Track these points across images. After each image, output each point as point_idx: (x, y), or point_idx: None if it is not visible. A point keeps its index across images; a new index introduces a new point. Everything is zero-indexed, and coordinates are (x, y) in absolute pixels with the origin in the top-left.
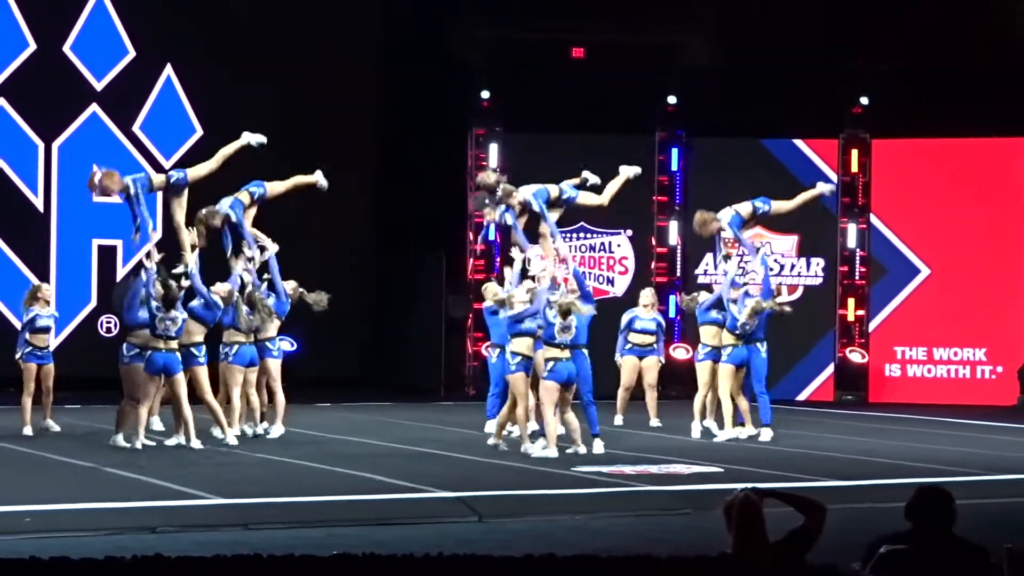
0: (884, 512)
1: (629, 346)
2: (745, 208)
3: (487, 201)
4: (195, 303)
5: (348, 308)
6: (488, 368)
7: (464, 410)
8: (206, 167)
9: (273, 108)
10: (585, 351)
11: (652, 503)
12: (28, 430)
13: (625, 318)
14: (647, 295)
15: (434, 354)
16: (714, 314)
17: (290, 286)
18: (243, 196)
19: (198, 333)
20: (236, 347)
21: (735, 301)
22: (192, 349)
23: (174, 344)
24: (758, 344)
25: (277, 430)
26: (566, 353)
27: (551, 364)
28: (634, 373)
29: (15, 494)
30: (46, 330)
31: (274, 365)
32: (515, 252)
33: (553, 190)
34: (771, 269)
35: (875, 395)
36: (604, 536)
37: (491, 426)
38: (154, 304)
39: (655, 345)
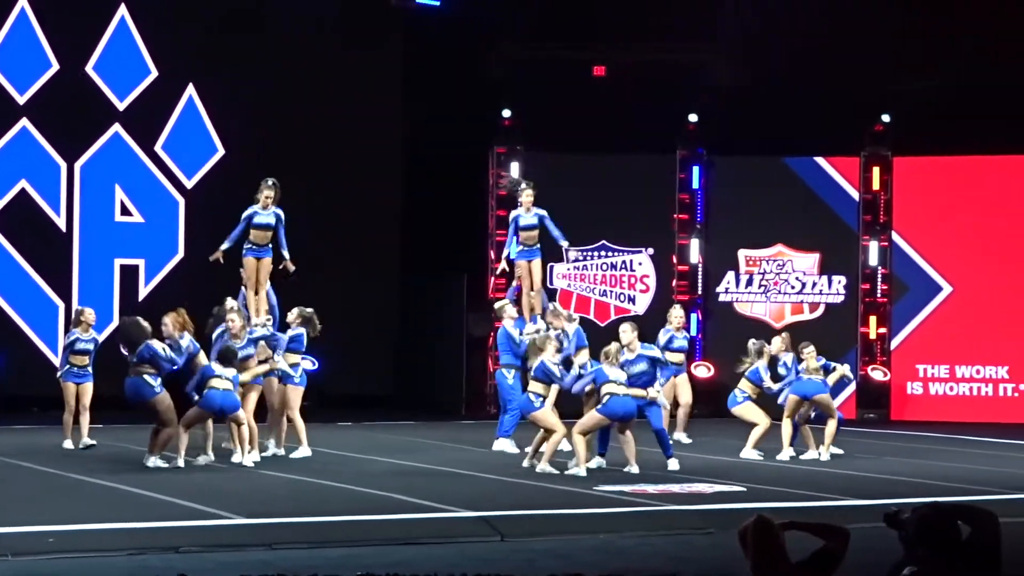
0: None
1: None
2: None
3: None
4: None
5: (371, 327)
6: (501, 389)
7: (486, 429)
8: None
9: (295, 128)
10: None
11: (675, 522)
12: (68, 443)
13: (663, 337)
14: (679, 315)
15: (456, 373)
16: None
17: (294, 313)
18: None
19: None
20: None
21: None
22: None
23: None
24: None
25: (303, 451)
26: (622, 389)
27: (606, 398)
28: (672, 389)
29: (39, 514)
30: (85, 352)
31: (293, 392)
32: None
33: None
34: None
35: (897, 413)
36: (627, 555)
37: (499, 444)
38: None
39: (683, 364)
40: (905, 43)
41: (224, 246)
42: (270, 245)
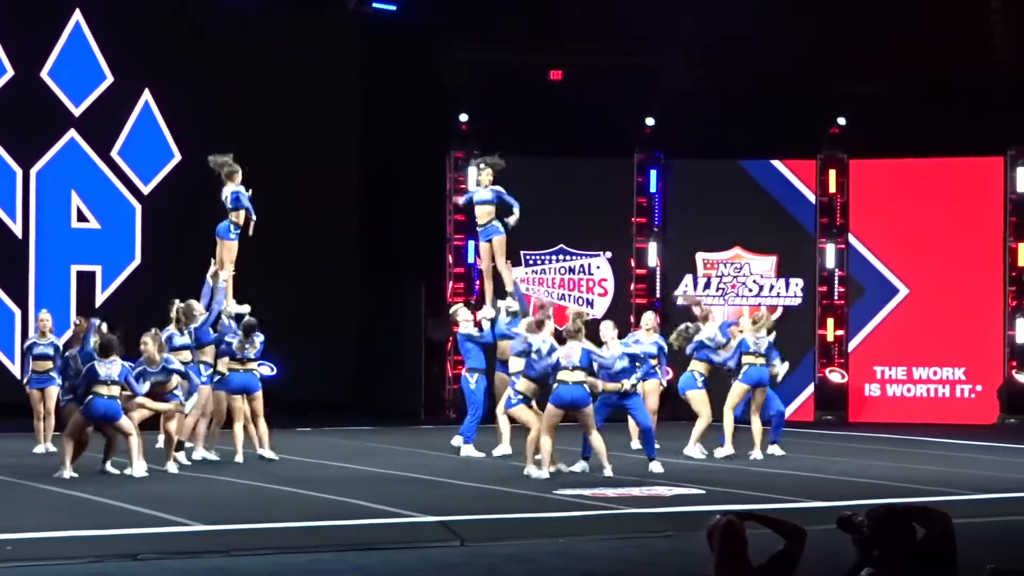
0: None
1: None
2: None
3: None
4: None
5: (328, 332)
6: (466, 394)
7: (445, 433)
8: None
9: (252, 133)
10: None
11: (635, 525)
12: (40, 448)
13: (627, 341)
14: (649, 319)
15: (414, 378)
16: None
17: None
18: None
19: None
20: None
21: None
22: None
23: (115, 390)
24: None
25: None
26: (575, 376)
27: (555, 386)
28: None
29: None
30: (45, 357)
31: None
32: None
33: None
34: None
35: (855, 415)
36: (588, 559)
37: (464, 450)
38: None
39: (656, 369)
40: (860, 46)
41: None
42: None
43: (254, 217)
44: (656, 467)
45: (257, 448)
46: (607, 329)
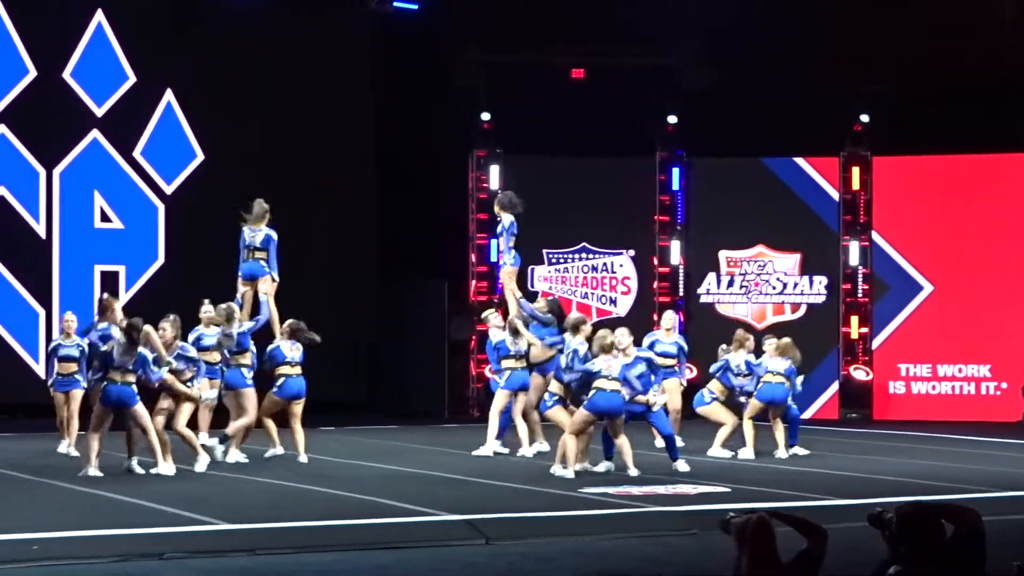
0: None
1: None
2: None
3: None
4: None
5: (352, 332)
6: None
7: (469, 432)
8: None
9: (273, 132)
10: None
11: (659, 524)
12: (63, 447)
13: (646, 341)
14: (669, 318)
15: (438, 376)
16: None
17: (285, 324)
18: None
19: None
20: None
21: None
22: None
23: (131, 377)
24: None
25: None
26: (613, 385)
27: (592, 393)
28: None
29: (23, 522)
30: (70, 359)
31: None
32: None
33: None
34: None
35: (879, 412)
36: (612, 557)
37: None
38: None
39: (676, 368)
40: (883, 43)
41: None
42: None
43: (277, 279)
44: (681, 465)
45: (277, 447)
46: (622, 337)
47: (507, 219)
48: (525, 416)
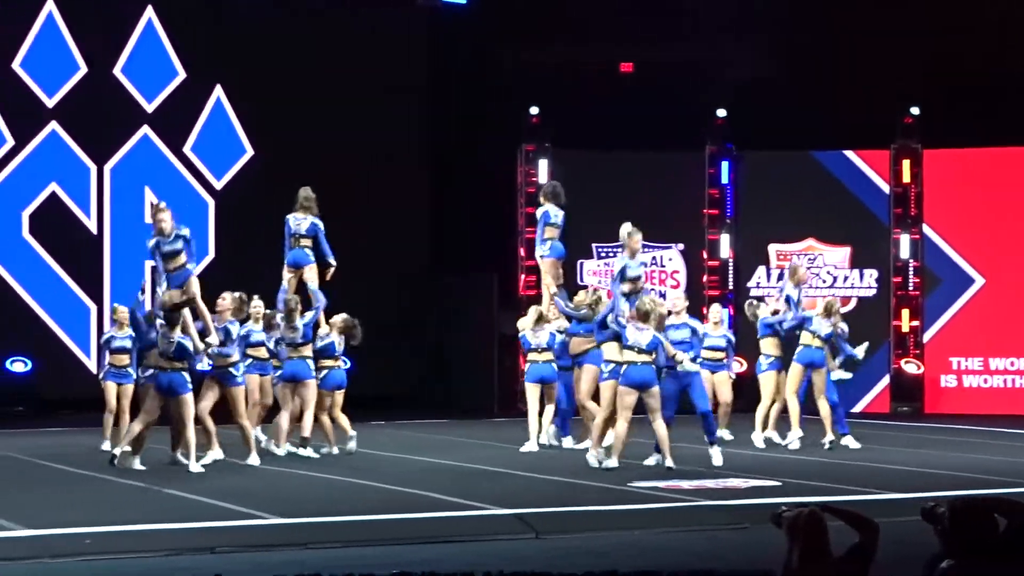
0: None
1: (700, 360)
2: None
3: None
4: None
5: (401, 327)
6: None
7: (518, 426)
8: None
9: (322, 127)
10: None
11: (709, 518)
12: (107, 445)
13: None
14: (717, 311)
15: (487, 371)
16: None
17: (340, 319)
18: None
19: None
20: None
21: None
22: (230, 369)
23: (180, 363)
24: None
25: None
26: (643, 357)
27: (623, 367)
28: (710, 387)
29: (75, 516)
30: (123, 351)
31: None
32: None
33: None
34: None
35: (931, 406)
36: (662, 552)
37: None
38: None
39: (725, 361)
40: (933, 34)
41: None
42: None
43: (335, 264)
44: (716, 457)
45: (333, 447)
46: (677, 300)
47: (542, 210)
48: (580, 408)
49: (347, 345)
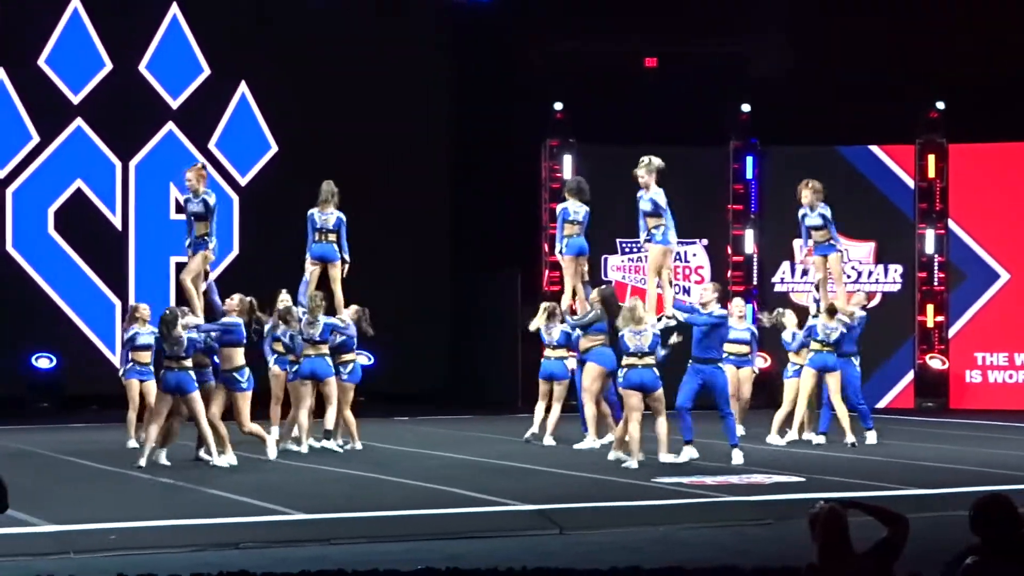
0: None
1: (725, 355)
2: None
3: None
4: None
5: (426, 323)
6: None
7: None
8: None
9: (346, 123)
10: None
11: (734, 514)
12: (132, 443)
13: None
14: (740, 305)
15: (511, 367)
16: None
17: (351, 310)
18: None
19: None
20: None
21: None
22: (235, 374)
23: (187, 363)
24: (852, 359)
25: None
26: (644, 360)
27: (623, 371)
28: (735, 382)
29: (100, 512)
30: (146, 348)
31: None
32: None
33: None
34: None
35: (956, 402)
36: (686, 547)
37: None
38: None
39: (749, 355)
40: (959, 29)
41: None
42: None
43: (348, 260)
44: (737, 456)
45: (357, 442)
46: (707, 291)
47: (561, 206)
48: (597, 405)
49: (364, 337)
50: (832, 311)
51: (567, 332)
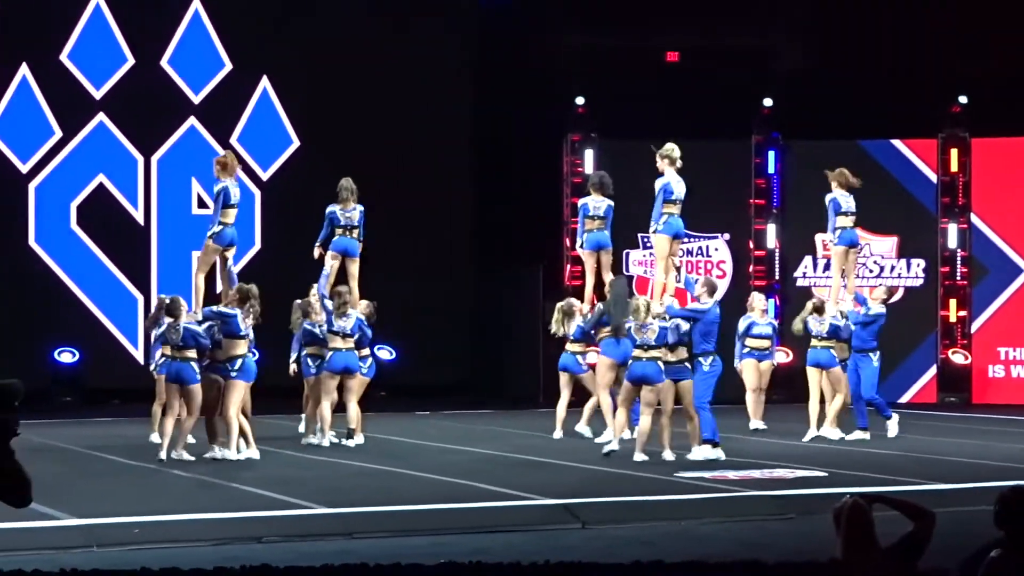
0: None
1: (747, 350)
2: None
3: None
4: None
5: (447, 317)
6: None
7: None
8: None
9: (368, 119)
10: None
11: (756, 508)
12: (155, 437)
13: (742, 324)
14: (761, 300)
15: (533, 362)
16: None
17: (363, 305)
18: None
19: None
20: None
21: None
22: (227, 364)
23: (190, 353)
24: (870, 354)
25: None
26: (649, 353)
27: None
28: (758, 375)
29: (123, 506)
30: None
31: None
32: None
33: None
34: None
35: (978, 396)
36: (708, 542)
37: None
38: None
39: (770, 350)
40: (982, 23)
41: None
42: None
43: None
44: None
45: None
46: (699, 285)
47: (582, 202)
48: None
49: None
50: (820, 309)
51: (580, 327)
